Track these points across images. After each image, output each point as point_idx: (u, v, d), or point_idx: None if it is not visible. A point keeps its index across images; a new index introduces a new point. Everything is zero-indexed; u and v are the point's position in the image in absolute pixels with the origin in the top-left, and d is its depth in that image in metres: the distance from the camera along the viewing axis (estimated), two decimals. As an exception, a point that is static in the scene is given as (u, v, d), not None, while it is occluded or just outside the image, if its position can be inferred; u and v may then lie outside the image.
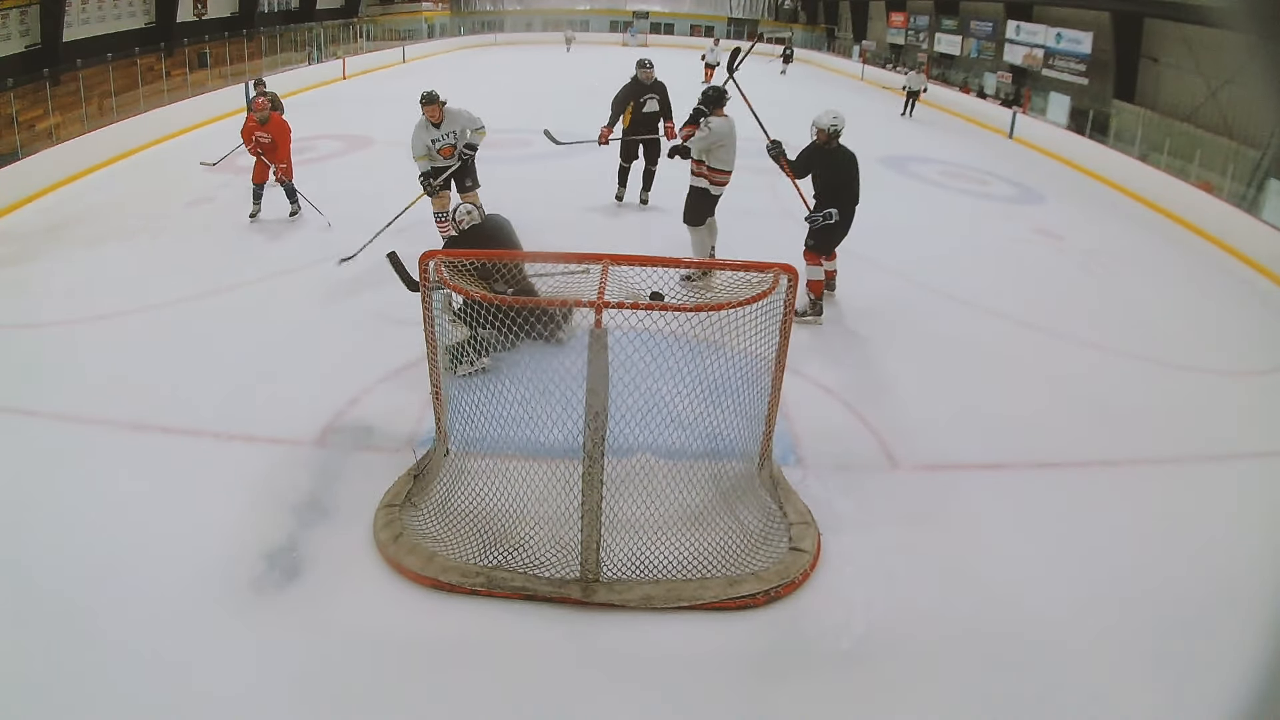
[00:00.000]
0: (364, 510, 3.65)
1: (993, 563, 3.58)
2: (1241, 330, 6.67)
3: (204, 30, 16.56)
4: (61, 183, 9.35)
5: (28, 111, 10.45)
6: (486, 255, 4.02)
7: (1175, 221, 10.06)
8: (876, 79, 21.96)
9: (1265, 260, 8.35)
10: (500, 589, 3.23)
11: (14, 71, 11.51)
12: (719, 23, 31.19)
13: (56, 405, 4.53)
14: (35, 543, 3.46)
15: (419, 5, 28.31)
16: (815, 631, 3.16)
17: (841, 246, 6.05)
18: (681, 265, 3.56)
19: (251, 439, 4.26)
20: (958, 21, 20.41)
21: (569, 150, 11.37)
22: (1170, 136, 11.57)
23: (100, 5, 14.47)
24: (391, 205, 7.21)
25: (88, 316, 5.71)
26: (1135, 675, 3.02)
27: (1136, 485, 4.25)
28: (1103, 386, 5.26)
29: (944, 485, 4.13)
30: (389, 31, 25.33)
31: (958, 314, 6.31)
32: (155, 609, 3.11)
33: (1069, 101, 14.69)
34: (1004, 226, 9.02)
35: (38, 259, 6.96)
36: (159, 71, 13.70)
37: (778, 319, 3.53)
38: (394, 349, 5.03)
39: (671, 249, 6.37)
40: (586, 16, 31.77)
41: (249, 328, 5.59)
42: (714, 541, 3.43)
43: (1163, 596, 3.41)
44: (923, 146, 13.21)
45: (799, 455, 4.29)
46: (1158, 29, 13.35)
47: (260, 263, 6.74)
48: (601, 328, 3.04)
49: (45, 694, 2.75)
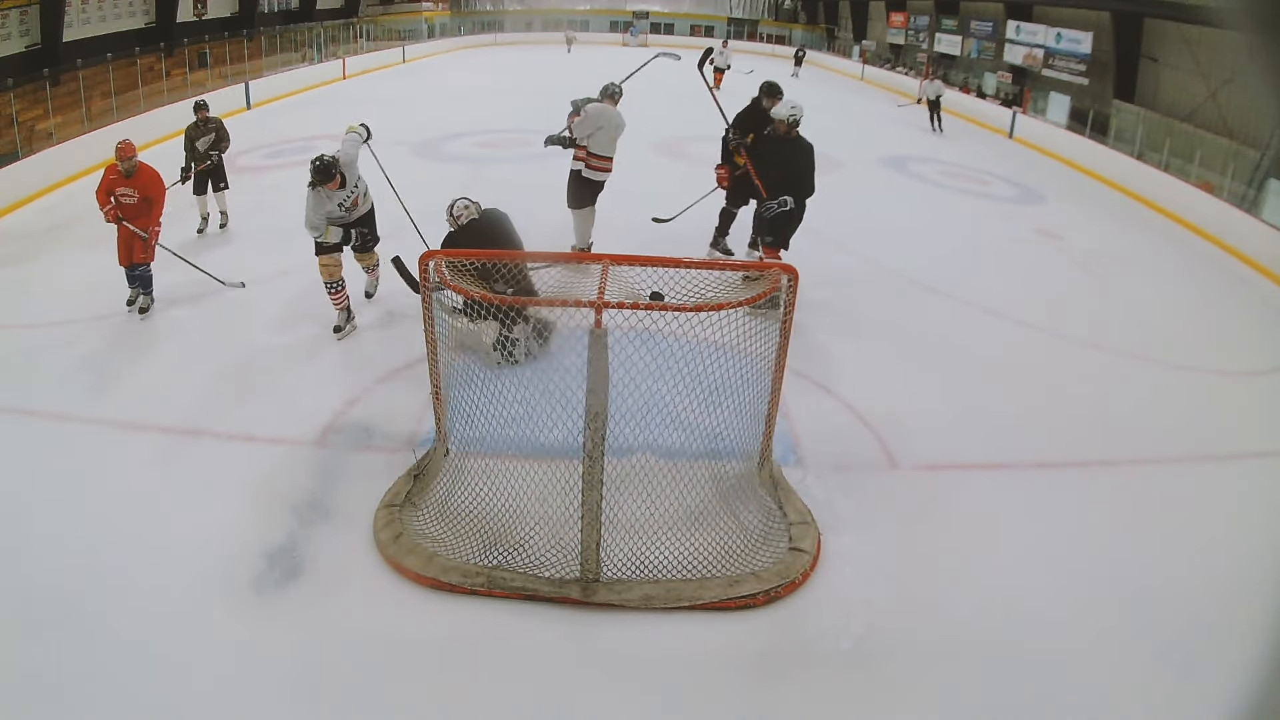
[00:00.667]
0: (364, 510, 3.65)
1: (993, 563, 3.58)
2: (1241, 330, 6.67)
3: (204, 30, 16.55)
4: (61, 183, 9.36)
5: (28, 111, 10.45)
6: (486, 255, 4.01)
7: (1175, 221, 10.06)
8: (876, 79, 21.95)
9: (1265, 260, 8.35)
10: (500, 589, 3.23)
11: (14, 71, 11.49)
12: (719, 22, 31.18)
13: (57, 405, 4.53)
14: (35, 542, 3.46)
15: (419, 5, 28.29)
16: (815, 631, 3.16)
17: (841, 247, 6.05)
18: (681, 265, 3.56)
19: (251, 439, 4.26)
20: (958, 21, 20.41)
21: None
22: (1170, 136, 11.56)
23: (100, 5, 14.46)
24: (390, 204, 7.19)
25: (88, 316, 5.71)
26: (1135, 675, 3.02)
27: (1136, 485, 4.25)
28: (1103, 386, 5.26)
29: (944, 485, 4.13)
30: (389, 31, 25.32)
31: (958, 314, 6.31)
32: (155, 608, 3.11)
33: (1069, 101, 14.69)
34: (1004, 226, 9.02)
35: (38, 259, 6.97)
36: (159, 71, 13.70)
37: (777, 319, 3.53)
38: (394, 349, 5.03)
39: (671, 249, 6.37)
40: (586, 16, 31.75)
41: (249, 327, 5.58)
42: (714, 541, 3.43)
43: (1163, 596, 3.41)
44: (923, 146, 13.21)
45: (799, 455, 4.29)
46: (1158, 29, 13.35)
47: (260, 262, 6.73)
48: (601, 328, 3.04)
49: (45, 694, 2.75)
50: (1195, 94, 12.50)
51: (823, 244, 7.39)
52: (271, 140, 11.60)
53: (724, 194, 6.79)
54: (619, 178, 8.92)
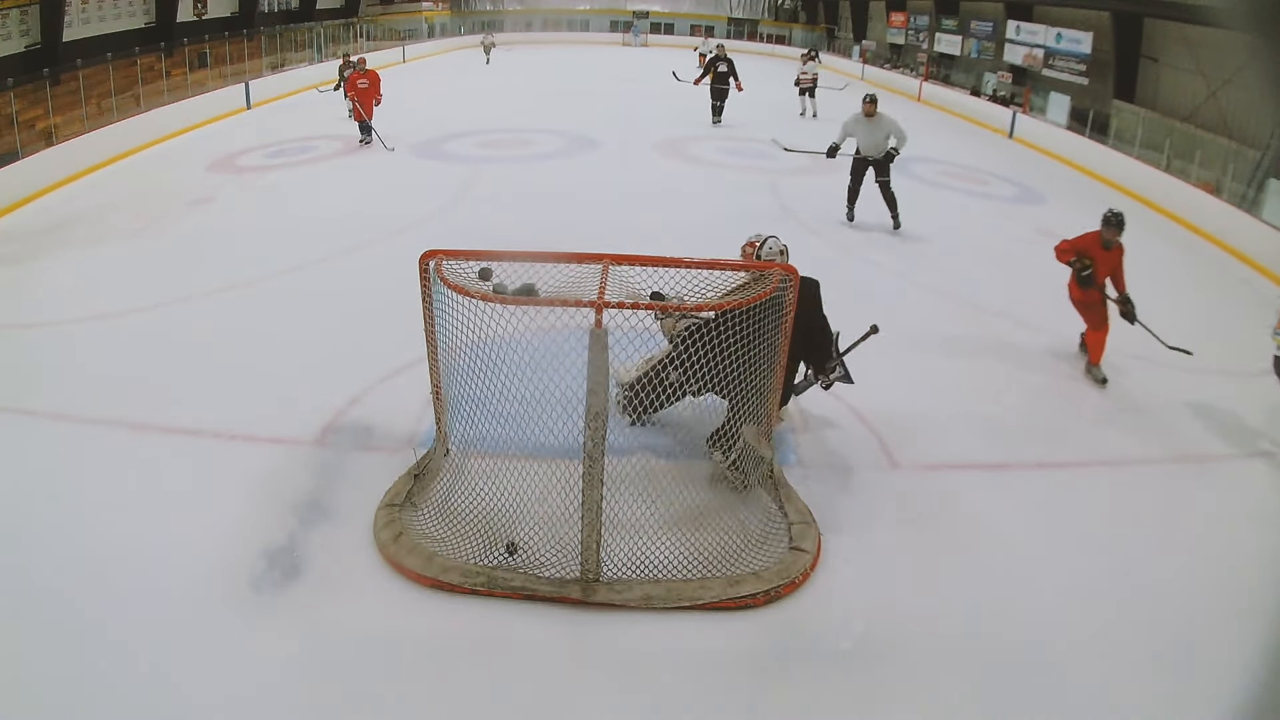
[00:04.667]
0: (364, 510, 3.65)
1: (992, 563, 3.58)
2: (1241, 330, 6.66)
3: (204, 30, 16.54)
4: (61, 183, 9.36)
5: (28, 111, 10.45)
6: (486, 255, 4.00)
7: (1175, 221, 10.05)
8: (876, 79, 21.95)
9: (1265, 260, 8.34)
10: (500, 589, 3.23)
11: (14, 71, 11.49)
12: (719, 22, 31.16)
13: (56, 405, 4.52)
14: (35, 542, 3.46)
15: (419, 5, 28.27)
16: (816, 631, 3.16)
17: (841, 247, 6.04)
18: (681, 265, 3.56)
19: (251, 439, 4.26)
20: (958, 21, 20.39)
21: (568, 151, 11.38)
22: (1170, 136, 11.55)
23: (100, 5, 14.45)
24: (391, 205, 7.21)
25: (88, 316, 5.71)
26: (1135, 675, 3.02)
27: (1136, 485, 4.25)
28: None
29: (944, 485, 4.13)
30: (389, 31, 25.32)
31: (958, 313, 6.31)
32: (155, 608, 3.11)
33: (1069, 101, 14.68)
34: (1004, 226, 9.02)
35: (38, 259, 6.96)
36: (159, 71, 13.69)
37: (778, 319, 3.53)
38: (394, 349, 5.02)
39: (672, 249, 6.36)
40: (587, 16, 31.72)
41: (249, 327, 5.59)
42: (714, 541, 3.43)
43: (1162, 596, 3.41)
44: (923, 146, 13.19)
45: (799, 455, 4.29)
46: (1158, 29, 13.33)
47: (260, 262, 6.74)
48: (601, 328, 3.04)
49: (45, 694, 2.75)
50: (1195, 94, 12.48)
51: (821, 244, 7.40)
52: (271, 140, 11.60)
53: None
54: (619, 178, 8.91)
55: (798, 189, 9.54)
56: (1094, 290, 5.18)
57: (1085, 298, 5.25)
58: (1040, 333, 6.02)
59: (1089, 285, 5.13)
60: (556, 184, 9.52)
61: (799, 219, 7.92)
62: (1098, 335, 5.23)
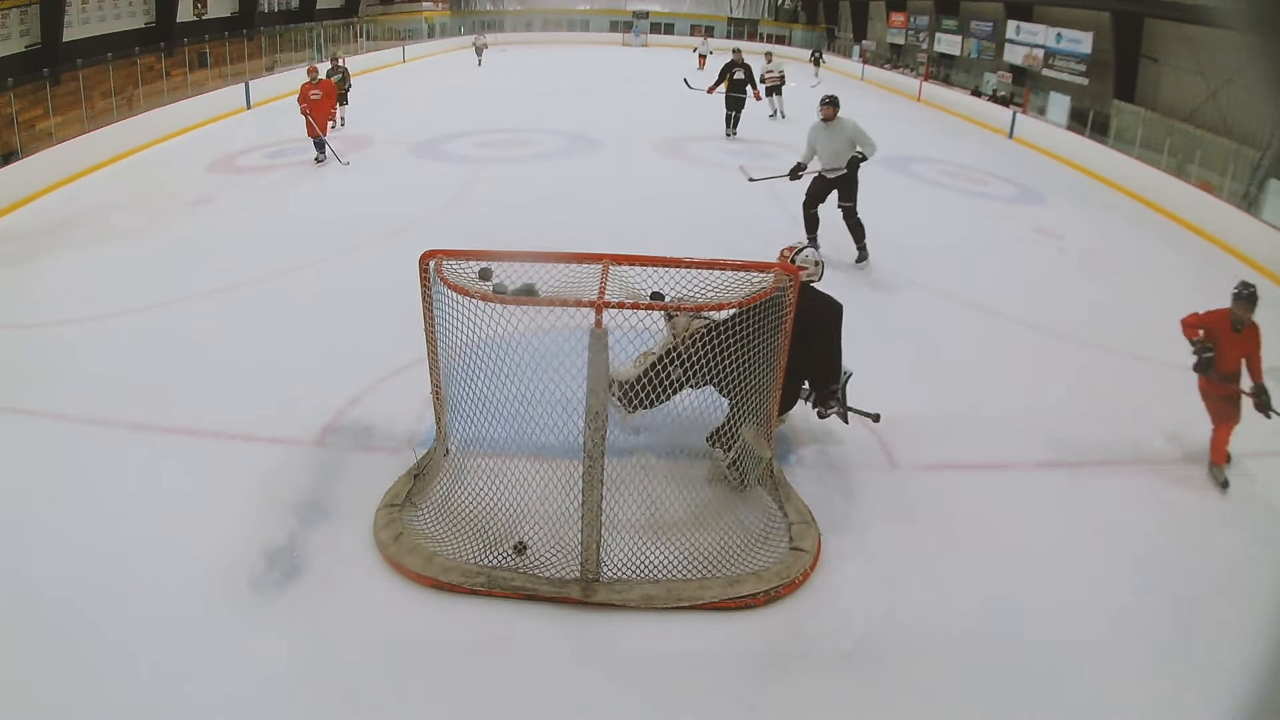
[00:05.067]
0: (364, 510, 3.65)
1: (992, 562, 3.58)
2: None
3: (204, 30, 16.54)
4: (61, 183, 9.36)
5: (28, 111, 10.44)
6: (486, 255, 4.00)
7: (1175, 221, 10.06)
8: (876, 79, 21.95)
9: (1265, 260, 8.34)
10: (500, 589, 3.23)
11: (14, 71, 11.49)
12: (719, 22, 31.17)
13: (56, 405, 4.52)
14: (35, 542, 3.46)
15: (419, 5, 28.29)
16: (816, 631, 3.16)
17: (840, 247, 6.04)
18: (681, 265, 3.56)
19: (251, 439, 4.26)
20: (958, 21, 20.39)
21: (568, 151, 11.39)
22: (1170, 136, 11.55)
23: (100, 5, 14.45)
24: (390, 205, 7.21)
25: (88, 316, 5.71)
26: (1135, 675, 3.02)
27: (1136, 484, 4.25)
28: (1102, 386, 5.25)
29: (944, 485, 4.13)
30: (389, 31, 25.32)
31: (957, 314, 6.31)
32: (155, 609, 3.11)
33: (1069, 101, 14.67)
34: (1004, 226, 9.02)
35: (38, 259, 6.96)
36: (159, 71, 13.69)
37: (778, 319, 3.53)
38: (394, 349, 5.02)
39: (672, 249, 6.37)
40: (587, 16, 31.73)
41: (249, 328, 5.59)
42: (714, 542, 3.43)
43: (1162, 596, 3.41)
44: (923, 146, 13.20)
45: (799, 455, 4.29)
46: (1158, 29, 13.33)
47: (260, 262, 6.74)
48: (601, 328, 3.04)
49: (45, 694, 2.75)
50: (1195, 94, 12.48)
51: (821, 245, 7.39)
52: (271, 140, 11.60)
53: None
54: (619, 178, 8.91)
55: (798, 189, 9.53)
56: (1214, 378, 4.38)
57: (1208, 386, 4.45)
58: (1039, 332, 6.02)
59: (1205, 371, 4.38)
60: (556, 184, 9.52)
61: (798, 219, 7.88)
62: (1219, 430, 4.42)
